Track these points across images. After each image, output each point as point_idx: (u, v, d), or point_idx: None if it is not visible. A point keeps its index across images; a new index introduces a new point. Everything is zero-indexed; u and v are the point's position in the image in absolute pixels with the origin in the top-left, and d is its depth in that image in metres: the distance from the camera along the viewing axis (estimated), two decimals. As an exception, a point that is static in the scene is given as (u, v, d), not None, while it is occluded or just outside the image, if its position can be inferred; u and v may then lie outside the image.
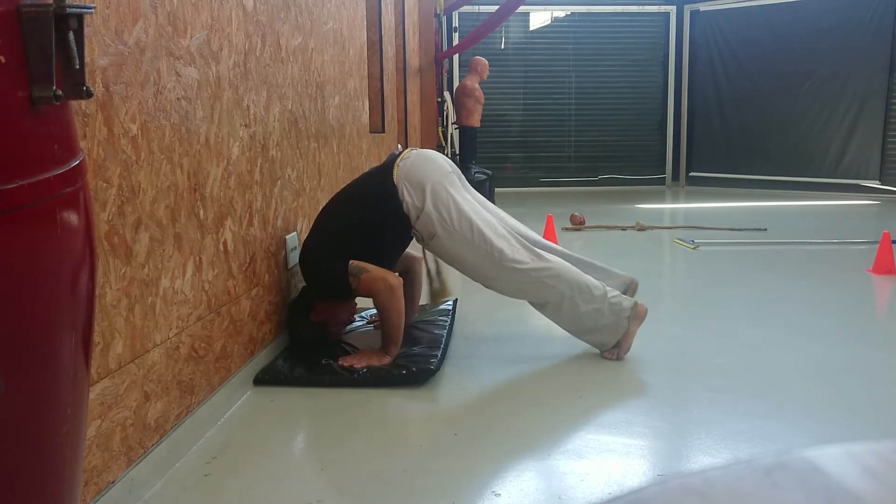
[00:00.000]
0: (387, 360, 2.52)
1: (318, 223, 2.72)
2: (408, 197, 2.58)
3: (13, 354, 0.78)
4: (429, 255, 3.00)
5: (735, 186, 8.78)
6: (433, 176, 2.62)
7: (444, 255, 2.67)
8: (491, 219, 2.65)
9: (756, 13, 8.47)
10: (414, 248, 3.07)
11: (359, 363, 2.50)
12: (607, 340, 2.64)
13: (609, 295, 2.60)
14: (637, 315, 2.63)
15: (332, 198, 2.81)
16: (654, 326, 3.07)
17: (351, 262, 2.54)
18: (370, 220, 2.63)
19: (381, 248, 2.66)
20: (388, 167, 2.67)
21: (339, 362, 2.52)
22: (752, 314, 3.23)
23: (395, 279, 2.54)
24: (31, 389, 0.81)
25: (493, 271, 2.59)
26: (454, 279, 3.12)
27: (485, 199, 2.78)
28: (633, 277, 2.81)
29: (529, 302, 2.70)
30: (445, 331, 2.85)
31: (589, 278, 2.62)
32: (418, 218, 2.58)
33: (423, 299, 3.14)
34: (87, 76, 0.91)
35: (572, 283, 2.58)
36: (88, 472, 1.49)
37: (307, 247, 2.67)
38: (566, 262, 2.65)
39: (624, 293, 2.71)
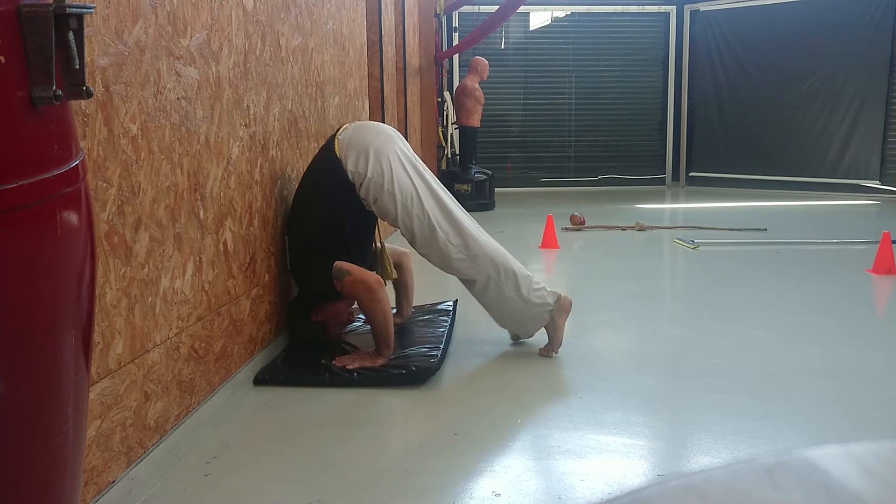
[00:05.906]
0: (380, 361, 2.51)
1: (290, 226, 2.71)
2: (351, 166, 2.58)
3: (14, 354, 0.78)
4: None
5: (735, 186, 8.78)
6: (375, 141, 2.62)
7: (386, 218, 2.66)
8: (436, 189, 2.66)
9: (756, 13, 8.47)
10: (402, 244, 3.07)
11: (352, 364, 2.50)
12: (529, 329, 2.70)
13: (534, 285, 2.66)
14: (562, 308, 2.67)
15: (294, 198, 2.76)
16: (655, 326, 3.07)
17: (335, 264, 2.54)
18: (330, 206, 2.61)
19: (353, 233, 2.66)
20: (328, 145, 2.68)
21: (334, 362, 2.52)
22: (752, 314, 3.23)
23: (374, 280, 2.53)
24: (31, 389, 0.81)
25: (428, 240, 2.63)
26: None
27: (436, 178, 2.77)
28: (562, 294, 2.72)
29: (460, 279, 2.73)
30: (445, 331, 2.85)
31: (517, 265, 2.67)
32: (361, 185, 2.58)
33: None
34: (87, 76, 0.91)
35: (499, 266, 2.63)
36: (88, 472, 1.49)
37: (291, 252, 2.68)
38: (498, 247, 2.68)
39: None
